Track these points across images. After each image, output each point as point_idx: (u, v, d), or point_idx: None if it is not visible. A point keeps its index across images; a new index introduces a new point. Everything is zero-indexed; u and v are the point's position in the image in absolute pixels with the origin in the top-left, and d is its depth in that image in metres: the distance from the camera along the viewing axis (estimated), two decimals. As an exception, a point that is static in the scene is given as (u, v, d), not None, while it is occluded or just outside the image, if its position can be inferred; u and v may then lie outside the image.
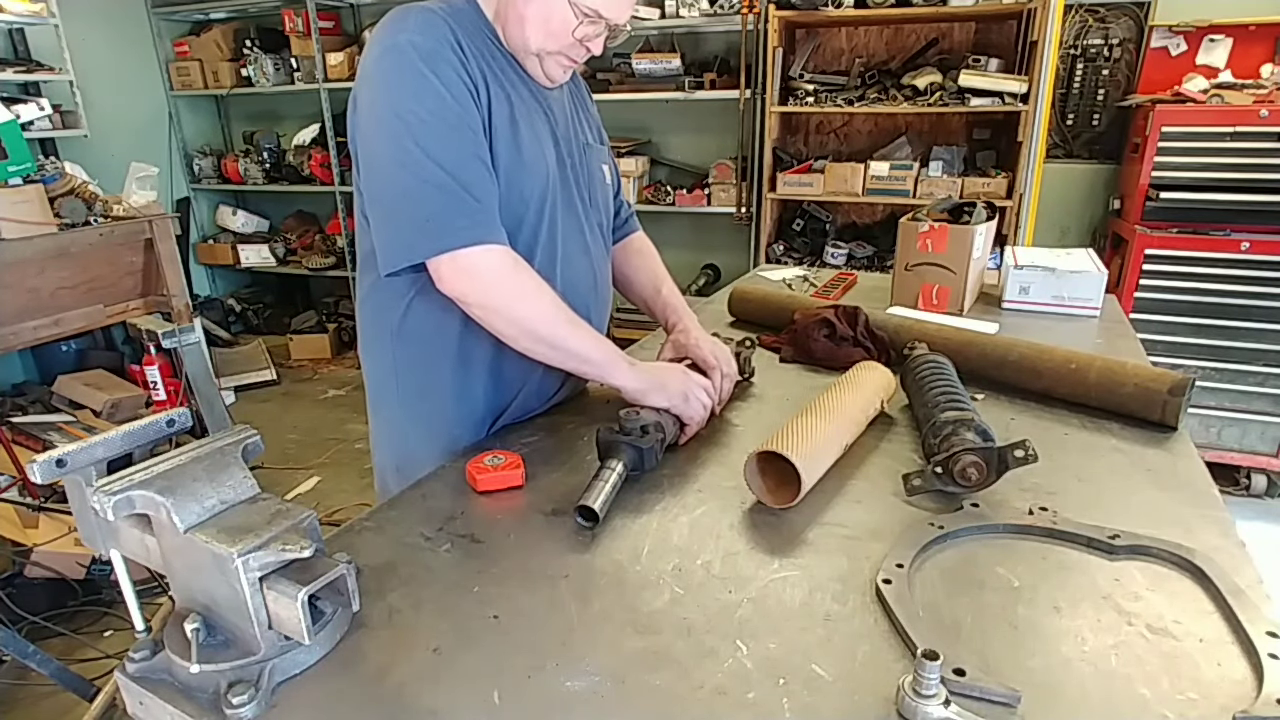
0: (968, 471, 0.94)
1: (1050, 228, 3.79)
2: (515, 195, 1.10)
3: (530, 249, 1.14)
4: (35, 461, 0.67)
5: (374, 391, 1.25)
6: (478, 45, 1.08)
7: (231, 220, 5.32)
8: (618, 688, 0.67)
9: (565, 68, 1.14)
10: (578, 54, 1.12)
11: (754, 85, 3.84)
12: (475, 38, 1.09)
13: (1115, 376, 1.19)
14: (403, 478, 1.16)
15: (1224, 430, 3.15)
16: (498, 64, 1.11)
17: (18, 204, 2.54)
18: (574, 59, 1.13)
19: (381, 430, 1.26)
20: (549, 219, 1.16)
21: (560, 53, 1.11)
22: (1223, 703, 0.64)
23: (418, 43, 1.00)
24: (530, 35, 1.08)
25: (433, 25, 1.03)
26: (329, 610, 0.72)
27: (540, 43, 1.09)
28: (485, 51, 1.09)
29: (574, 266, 1.22)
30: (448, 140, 1.01)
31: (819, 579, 0.81)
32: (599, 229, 1.30)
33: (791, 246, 3.98)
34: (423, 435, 1.19)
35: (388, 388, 1.21)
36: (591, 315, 1.27)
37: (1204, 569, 0.79)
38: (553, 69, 1.13)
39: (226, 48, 4.92)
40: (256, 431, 0.78)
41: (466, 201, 1.01)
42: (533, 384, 1.23)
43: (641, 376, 1.12)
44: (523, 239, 1.13)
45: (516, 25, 1.09)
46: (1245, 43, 3.28)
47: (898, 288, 1.85)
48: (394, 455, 1.24)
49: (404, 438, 1.22)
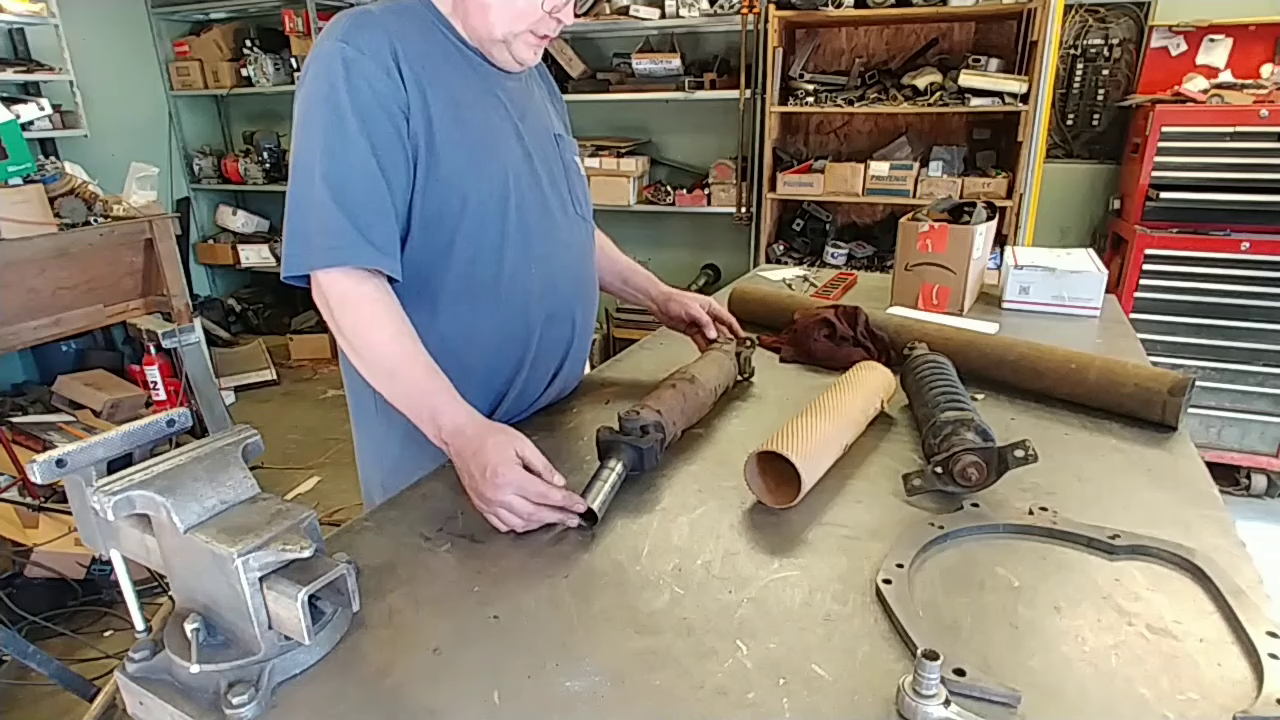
0: (968, 471, 0.94)
1: (1050, 228, 3.79)
2: (470, 194, 1.08)
3: (498, 247, 1.11)
4: (35, 461, 0.67)
5: (354, 404, 1.23)
6: (425, 44, 1.06)
7: (231, 220, 5.32)
8: (618, 688, 0.67)
9: (534, 46, 1.11)
10: (546, 28, 1.09)
11: (754, 85, 3.84)
12: (424, 36, 1.07)
13: (1115, 376, 1.19)
14: (388, 491, 1.14)
15: (1224, 430, 3.15)
16: (450, 61, 1.09)
17: (18, 204, 2.54)
18: (542, 35, 1.10)
19: (364, 443, 1.25)
20: (516, 215, 1.13)
21: (528, 30, 1.08)
22: (1223, 703, 0.64)
23: (339, 50, 0.99)
24: (495, 21, 1.06)
25: (361, 29, 1.01)
26: (329, 610, 0.72)
27: (507, 26, 1.07)
28: (434, 49, 1.07)
29: (553, 263, 1.19)
30: (337, 154, 0.98)
31: (819, 579, 0.81)
32: (581, 222, 1.27)
33: (791, 246, 3.98)
34: (405, 447, 1.15)
35: (365, 399, 1.18)
36: (576, 313, 1.25)
37: (1204, 569, 0.79)
38: (521, 51, 1.10)
39: (226, 48, 4.92)
40: (256, 431, 0.78)
41: (336, 220, 0.97)
42: (516, 388, 1.21)
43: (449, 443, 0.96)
44: (487, 238, 1.10)
45: (479, 14, 1.07)
46: (1245, 43, 3.28)
47: (898, 288, 1.84)
48: (379, 469, 1.22)
49: (385, 450, 1.20)
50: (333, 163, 0.98)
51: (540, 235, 1.17)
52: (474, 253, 1.11)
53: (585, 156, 4.14)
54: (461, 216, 1.08)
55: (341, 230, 0.98)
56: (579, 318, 1.26)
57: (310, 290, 1.04)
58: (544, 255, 1.17)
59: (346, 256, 0.98)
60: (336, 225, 0.98)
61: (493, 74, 1.14)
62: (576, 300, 1.25)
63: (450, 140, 1.06)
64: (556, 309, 1.21)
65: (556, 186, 1.22)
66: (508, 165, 1.12)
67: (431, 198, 1.06)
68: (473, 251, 1.11)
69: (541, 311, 1.19)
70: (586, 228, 1.30)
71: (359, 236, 0.98)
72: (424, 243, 1.08)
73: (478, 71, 1.12)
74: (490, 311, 1.14)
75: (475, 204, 1.09)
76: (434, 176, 1.06)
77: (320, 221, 0.98)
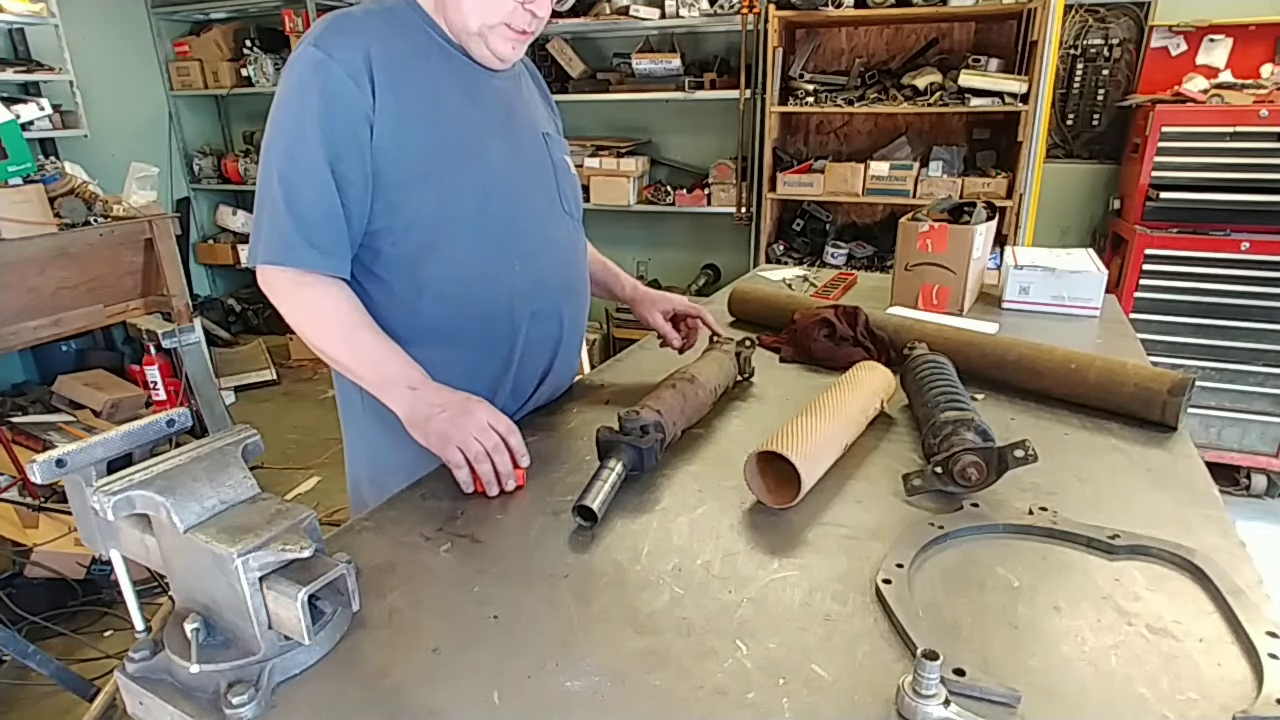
0: (968, 471, 0.94)
1: (1050, 228, 3.79)
2: (450, 191, 1.09)
3: (480, 244, 1.12)
4: (35, 461, 0.67)
5: (343, 402, 1.24)
6: (405, 45, 1.07)
7: (231, 220, 5.32)
8: (618, 688, 0.67)
9: (512, 41, 1.11)
10: (521, 21, 1.09)
11: (754, 85, 3.84)
12: (405, 36, 1.08)
13: (1115, 376, 1.19)
14: (377, 489, 1.15)
15: (1224, 430, 3.15)
16: (431, 60, 1.10)
17: (18, 204, 2.54)
18: (519, 29, 1.10)
19: (353, 442, 1.25)
20: (500, 213, 1.13)
21: (502, 23, 1.08)
22: (1223, 703, 0.64)
23: (311, 54, 1.01)
24: (469, 13, 1.07)
25: (337, 33, 1.03)
26: (329, 610, 0.72)
27: (481, 18, 1.08)
28: (415, 49, 1.08)
29: (538, 261, 1.19)
30: (295, 156, 1.02)
31: (819, 579, 0.81)
32: (570, 220, 1.27)
33: (791, 246, 3.98)
34: (393, 446, 1.16)
35: (354, 398, 1.20)
36: (563, 310, 1.25)
37: (1204, 569, 0.79)
38: (498, 45, 1.11)
39: (226, 48, 4.92)
40: (256, 431, 0.78)
41: (283, 220, 1.02)
42: (506, 387, 1.21)
43: (415, 406, 1.03)
44: (468, 235, 1.11)
45: (455, 9, 1.08)
46: (1245, 43, 3.28)
47: (898, 288, 1.85)
48: (367, 467, 1.23)
49: (374, 448, 1.21)
50: (290, 164, 1.02)
51: (524, 232, 1.17)
52: (457, 249, 1.12)
53: (585, 156, 4.14)
54: (442, 213, 1.09)
55: (286, 231, 1.02)
56: (567, 315, 1.26)
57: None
58: (528, 252, 1.18)
59: (286, 257, 1.03)
60: (283, 226, 1.02)
61: (477, 72, 1.15)
62: (564, 298, 1.25)
63: (427, 141, 1.07)
64: (542, 306, 1.21)
65: (544, 184, 1.22)
66: (489, 163, 1.13)
67: (410, 196, 1.08)
68: (455, 248, 1.11)
69: (527, 308, 1.19)
70: (575, 226, 1.30)
71: (301, 239, 1.03)
72: (406, 240, 1.10)
73: (460, 70, 1.13)
74: (476, 308, 1.15)
75: (455, 201, 1.10)
76: (410, 176, 1.07)
77: (271, 220, 1.03)
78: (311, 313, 1.07)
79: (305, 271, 1.04)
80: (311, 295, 1.06)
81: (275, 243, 1.03)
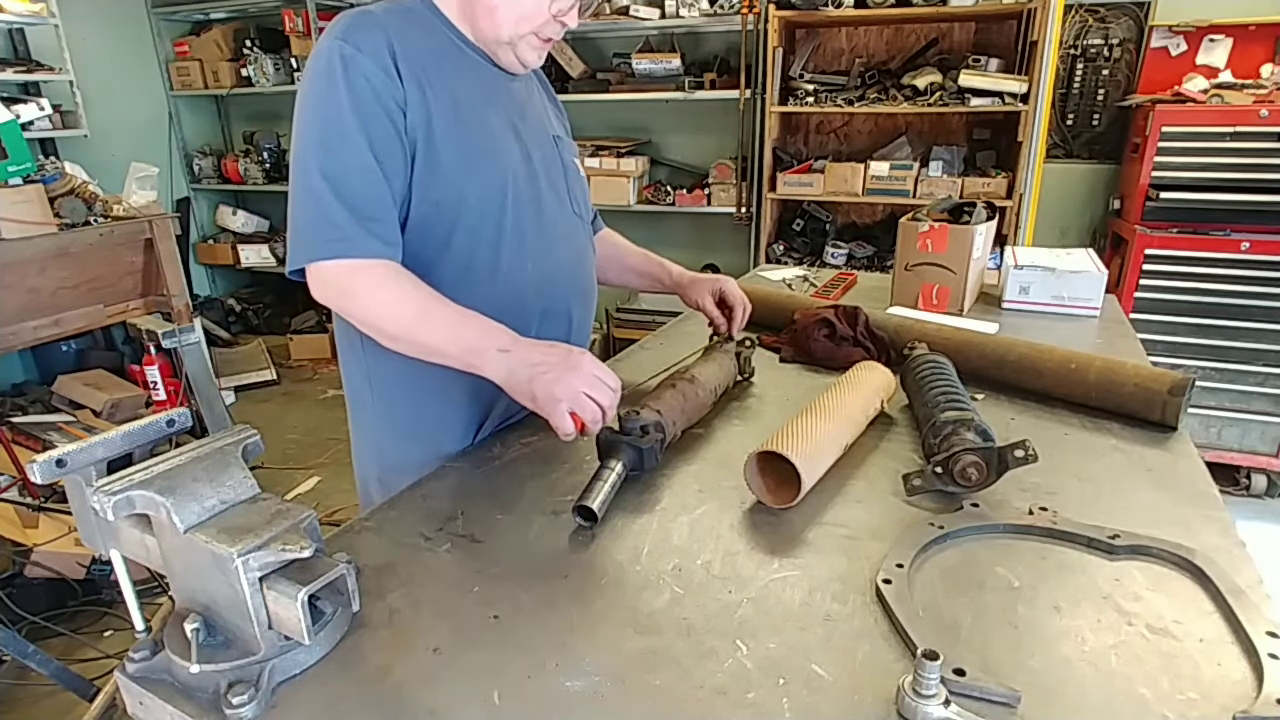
0: (968, 471, 0.94)
1: (1050, 228, 3.79)
2: (469, 189, 1.09)
3: (495, 242, 1.13)
4: (35, 461, 0.67)
5: (352, 400, 1.24)
6: (425, 43, 1.07)
7: (231, 220, 5.32)
8: (618, 688, 0.67)
9: (538, 49, 1.13)
10: (551, 31, 1.11)
11: (754, 85, 3.84)
12: (425, 35, 1.08)
13: (1115, 376, 1.19)
14: (384, 487, 1.15)
15: (1224, 430, 3.15)
16: (451, 60, 1.10)
17: (18, 204, 2.54)
18: (546, 38, 1.12)
19: (361, 439, 1.25)
20: (514, 211, 1.14)
21: (533, 33, 1.10)
22: (1223, 703, 0.63)
23: (337, 47, 1.00)
24: (502, 23, 1.08)
25: (360, 28, 1.02)
26: (329, 610, 0.72)
27: (514, 29, 1.08)
28: (435, 48, 1.09)
29: (550, 261, 1.20)
30: (335, 149, 1.00)
31: (819, 579, 0.81)
32: (579, 221, 1.28)
33: (791, 246, 3.98)
34: (402, 443, 1.17)
35: (363, 396, 1.20)
36: (572, 309, 1.26)
37: (1204, 569, 0.79)
38: (526, 53, 1.12)
39: (226, 48, 4.92)
40: (256, 431, 0.78)
41: (336, 213, 0.99)
42: None
43: (514, 370, 0.99)
44: (485, 233, 1.12)
45: (486, 16, 1.08)
46: (1245, 43, 3.28)
47: (898, 288, 1.84)
48: (375, 465, 1.23)
49: (382, 446, 1.21)
50: (331, 158, 1.00)
51: (537, 232, 1.18)
52: (471, 247, 1.12)
53: (585, 156, 4.14)
54: (459, 211, 1.09)
55: (340, 223, 0.99)
56: (575, 315, 1.27)
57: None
58: (541, 251, 1.18)
59: (348, 249, 0.99)
60: (338, 218, 0.99)
61: (494, 74, 1.16)
62: (573, 297, 1.26)
63: (449, 137, 1.07)
64: (552, 305, 1.22)
65: (555, 186, 1.23)
66: (506, 163, 1.13)
67: (430, 192, 1.08)
68: (470, 245, 1.12)
69: (538, 306, 1.20)
70: (585, 227, 1.31)
71: (360, 229, 1.00)
72: (422, 235, 1.09)
73: (479, 72, 1.14)
74: (486, 306, 1.15)
75: (473, 199, 1.10)
76: (432, 172, 1.07)
77: (322, 215, 0.99)
78: (378, 301, 1.02)
79: (361, 261, 1.00)
80: (370, 283, 1.01)
81: (329, 236, 0.99)
